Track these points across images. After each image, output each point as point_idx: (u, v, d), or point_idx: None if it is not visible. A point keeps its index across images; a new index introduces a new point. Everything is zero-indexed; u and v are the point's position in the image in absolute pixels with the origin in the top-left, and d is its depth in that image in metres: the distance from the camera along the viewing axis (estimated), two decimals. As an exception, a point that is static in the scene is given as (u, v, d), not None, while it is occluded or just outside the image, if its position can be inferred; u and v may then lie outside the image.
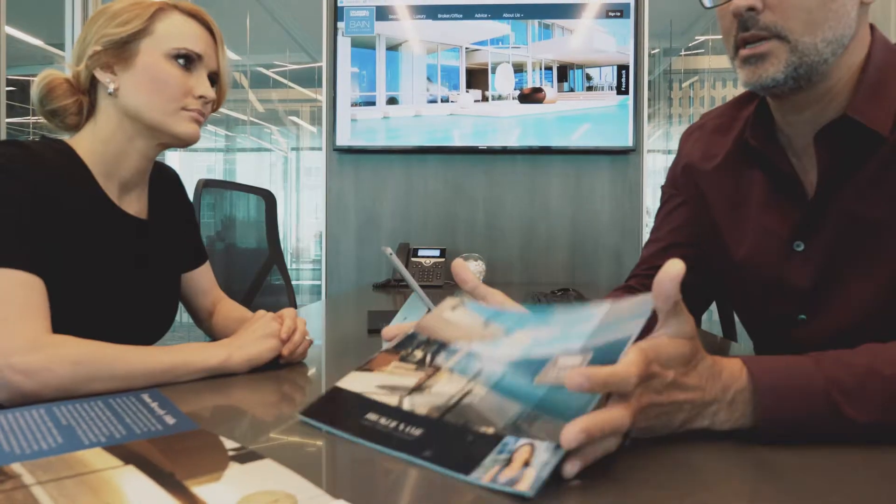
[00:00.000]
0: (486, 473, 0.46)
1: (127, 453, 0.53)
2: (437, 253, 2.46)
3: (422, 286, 0.96)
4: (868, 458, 0.55)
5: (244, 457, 0.52)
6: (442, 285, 2.36)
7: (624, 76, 2.59)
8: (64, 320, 0.79)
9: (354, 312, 1.66)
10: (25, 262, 0.76)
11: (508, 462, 0.47)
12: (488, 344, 0.62)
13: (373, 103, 2.65)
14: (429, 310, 0.91)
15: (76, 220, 0.87)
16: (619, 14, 2.59)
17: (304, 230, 7.12)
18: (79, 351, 0.73)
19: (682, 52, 6.21)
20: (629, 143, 2.59)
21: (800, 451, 0.55)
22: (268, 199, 2.04)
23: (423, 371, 0.62)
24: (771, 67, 0.76)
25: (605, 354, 0.50)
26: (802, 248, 0.85)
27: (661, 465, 0.52)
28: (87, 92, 0.93)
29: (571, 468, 0.47)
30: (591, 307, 0.60)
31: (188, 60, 0.92)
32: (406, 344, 0.67)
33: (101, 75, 0.91)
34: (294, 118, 8.25)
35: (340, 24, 2.64)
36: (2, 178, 0.79)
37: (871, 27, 0.82)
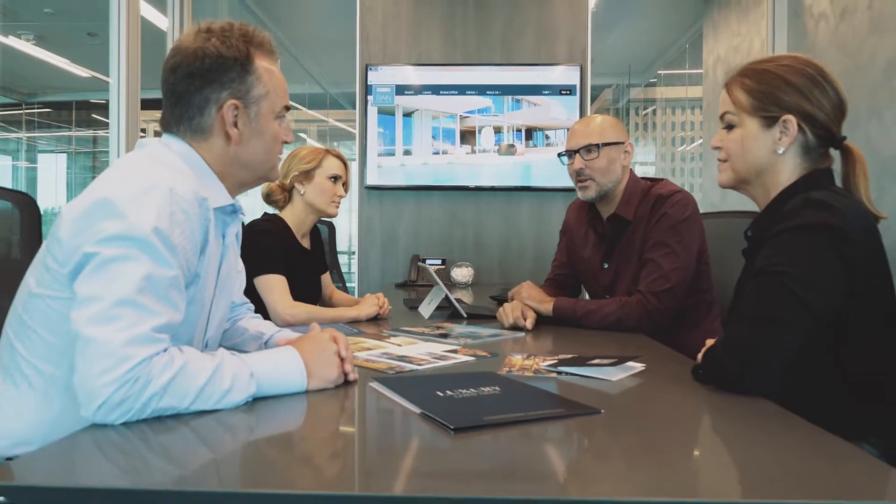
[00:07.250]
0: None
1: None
2: (439, 261, 3.53)
3: (427, 284, 2.02)
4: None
5: (392, 333, 1.59)
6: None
7: (572, 136, 3.66)
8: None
9: (390, 301, 2.70)
10: (282, 271, 1.82)
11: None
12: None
13: (393, 154, 3.71)
14: (446, 295, 1.97)
15: (289, 253, 1.93)
16: (568, 93, 3.67)
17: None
18: (308, 308, 1.79)
19: (643, 86, 7.31)
20: (576, 184, 3.66)
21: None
22: (330, 227, 3.10)
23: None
24: (590, 192, 1.85)
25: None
26: (606, 266, 1.92)
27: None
28: (289, 191, 1.99)
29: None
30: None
31: (336, 178, 1.98)
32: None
33: (297, 185, 1.97)
34: (302, 135, 9.31)
35: (370, 97, 3.70)
36: (269, 236, 1.84)
37: (631, 170, 1.90)
